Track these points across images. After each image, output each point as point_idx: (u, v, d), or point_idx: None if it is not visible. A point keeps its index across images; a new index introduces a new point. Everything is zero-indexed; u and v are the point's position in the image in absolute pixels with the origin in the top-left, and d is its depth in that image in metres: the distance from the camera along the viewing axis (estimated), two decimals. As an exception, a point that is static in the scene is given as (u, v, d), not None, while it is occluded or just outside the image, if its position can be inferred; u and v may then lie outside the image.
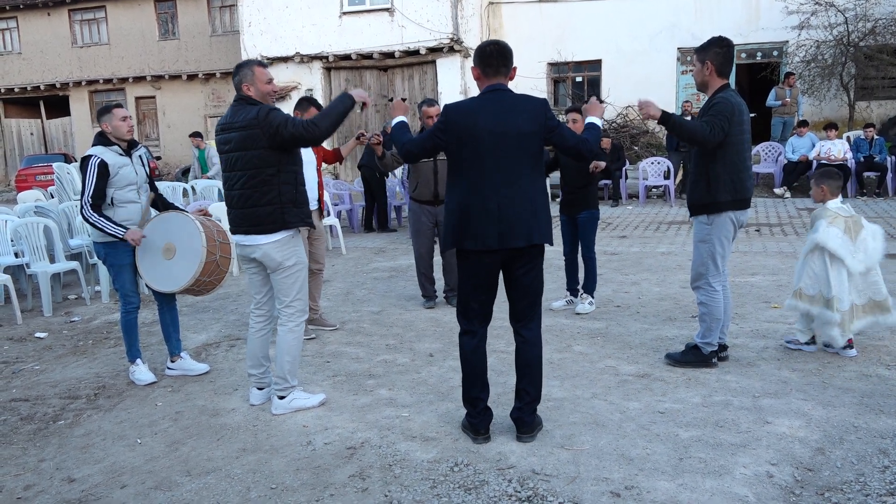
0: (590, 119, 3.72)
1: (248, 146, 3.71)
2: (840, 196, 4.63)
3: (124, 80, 23.15)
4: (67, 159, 19.24)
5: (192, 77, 22.69)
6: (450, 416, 3.81)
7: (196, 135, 13.89)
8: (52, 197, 11.24)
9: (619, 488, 2.98)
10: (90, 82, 23.50)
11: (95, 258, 7.37)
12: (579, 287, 6.01)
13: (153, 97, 23.15)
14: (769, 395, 3.90)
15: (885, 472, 3.03)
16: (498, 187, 3.28)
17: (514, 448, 3.39)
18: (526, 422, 3.46)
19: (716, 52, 4.13)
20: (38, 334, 6.07)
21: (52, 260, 7.34)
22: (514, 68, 3.44)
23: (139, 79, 23.05)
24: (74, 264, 7.17)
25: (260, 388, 4.14)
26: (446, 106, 3.40)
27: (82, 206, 4.49)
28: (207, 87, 22.84)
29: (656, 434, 3.48)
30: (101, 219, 4.45)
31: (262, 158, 3.70)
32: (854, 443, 3.30)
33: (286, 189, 3.76)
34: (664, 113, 4.08)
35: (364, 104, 3.86)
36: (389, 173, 11.08)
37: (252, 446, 3.58)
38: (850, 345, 4.44)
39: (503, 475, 3.14)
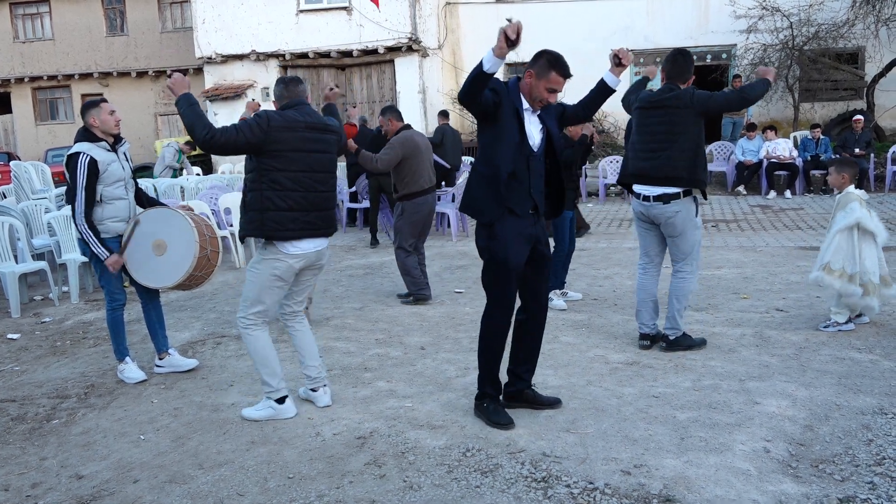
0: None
1: (334, 150, 3.86)
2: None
3: (70, 76, 22.45)
4: (11, 157, 18.61)
5: (141, 74, 22.17)
6: (452, 406, 3.90)
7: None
8: (5, 197, 10.91)
9: (629, 467, 3.13)
10: (33, 79, 22.72)
11: (63, 258, 7.22)
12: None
13: (100, 94, 22.47)
14: (754, 378, 4.12)
15: (870, 444, 3.25)
16: None
17: (521, 433, 3.50)
18: None
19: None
20: (10, 335, 5.91)
21: (16, 260, 7.14)
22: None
23: (86, 76, 22.39)
24: (42, 264, 6.99)
25: (315, 390, 4.02)
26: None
27: (74, 211, 4.41)
28: (158, 85, 22.34)
29: (654, 416, 3.64)
30: (90, 232, 4.38)
31: (335, 163, 3.89)
32: (838, 419, 3.53)
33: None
34: None
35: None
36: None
37: (260, 439, 3.61)
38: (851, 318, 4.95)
39: (515, 458, 3.25)
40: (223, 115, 17.21)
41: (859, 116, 12.98)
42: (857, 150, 12.33)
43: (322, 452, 3.42)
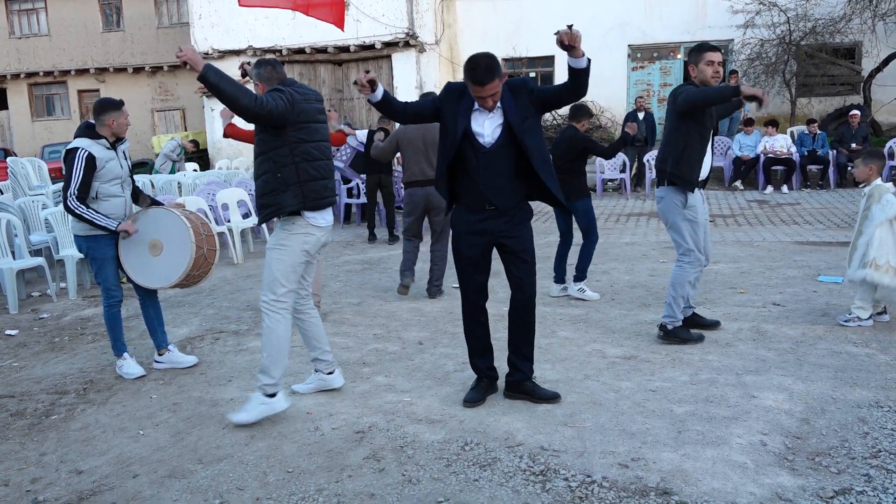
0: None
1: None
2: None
3: (66, 72, 22.39)
4: (7, 153, 18.58)
5: (138, 70, 22.11)
6: (451, 400, 3.91)
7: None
8: (2, 193, 10.89)
9: (626, 460, 3.14)
10: (29, 75, 22.65)
11: (61, 254, 7.21)
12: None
13: (97, 90, 22.42)
14: (751, 372, 4.13)
15: (866, 437, 3.27)
16: None
17: (520, 427, 3.52)
18: None
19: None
20: (8, 332, 5.91)
21: (13, 256, 7.14)
22: None
23: (82, 71, 22.33)
24: (40, 260, 6.99)
25: (331, 373, 4.14)
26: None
27: (66, 198, 4.41)
28: (154, 81, 22.31)
29: (652, 410, 3.65)
30: (90, 210, 4.39)
31: None
32: (835, 413, 3.55)
33: None
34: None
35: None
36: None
37: (259, 433, 3.62)
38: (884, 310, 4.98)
39: (513, 452, 3.26)
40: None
41: (856, 111, 12.98)
42: (853, 146, 12.35)
43: (321, 447, 3.43)
